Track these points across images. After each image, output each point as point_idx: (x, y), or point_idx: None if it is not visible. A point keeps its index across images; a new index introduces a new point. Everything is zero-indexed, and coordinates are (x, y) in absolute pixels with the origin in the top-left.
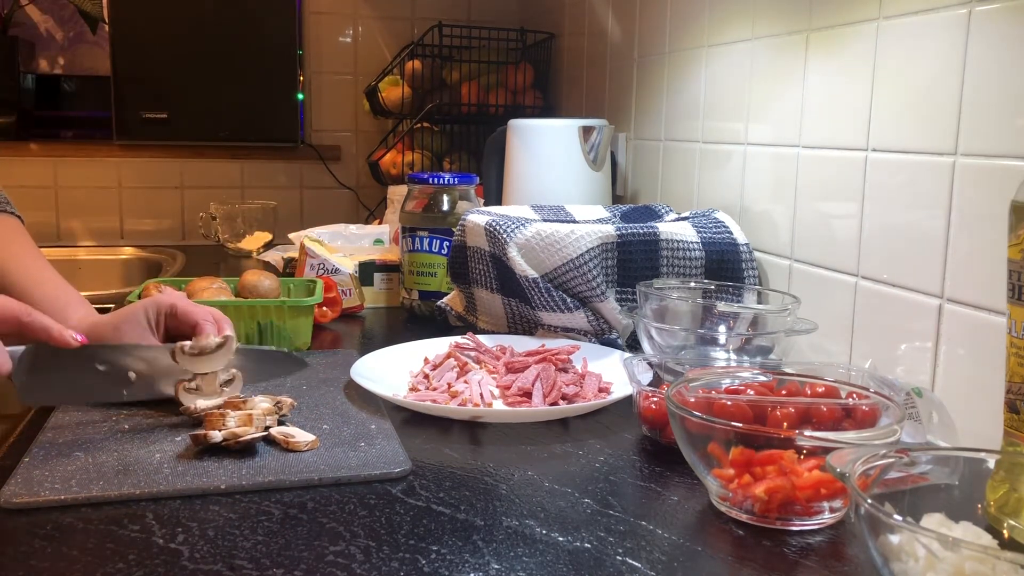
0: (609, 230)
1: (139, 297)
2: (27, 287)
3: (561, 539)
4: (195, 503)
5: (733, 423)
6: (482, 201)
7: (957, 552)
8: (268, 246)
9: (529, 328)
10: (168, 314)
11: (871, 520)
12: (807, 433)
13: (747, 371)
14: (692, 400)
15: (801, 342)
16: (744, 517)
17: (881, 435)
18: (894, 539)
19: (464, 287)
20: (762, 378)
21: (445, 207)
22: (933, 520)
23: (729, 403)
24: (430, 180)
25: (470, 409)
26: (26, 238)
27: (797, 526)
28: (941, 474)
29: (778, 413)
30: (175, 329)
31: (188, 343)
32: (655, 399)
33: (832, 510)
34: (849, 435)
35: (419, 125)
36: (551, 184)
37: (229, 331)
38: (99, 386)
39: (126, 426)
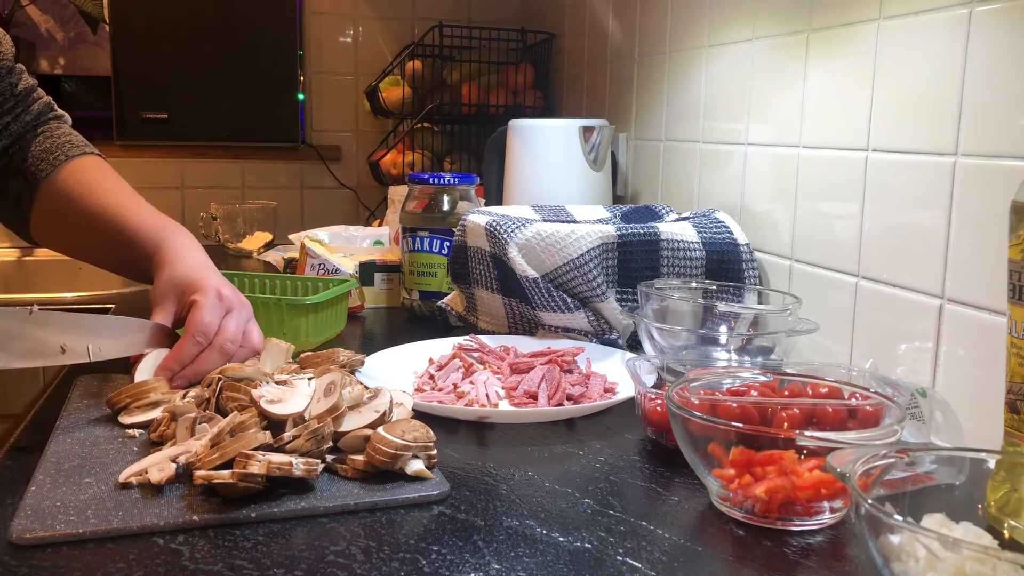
0: (610, 230)
1: None
2: (127, 222)
3: (562, 539)
4: (196, 538)
5: (734, 424)
6: (483, 201)
7: (958, 552)
8: (268, 246)
9: (530, 328)
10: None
11: (872, 520)
12: (807, 433)
13: (748, 371)
14: (695, 401)
15: (802, 342)
16: (744, 517)
17: (882, 435)
18: (894, 539)
19: (465, 287)
20: (763, 378)
21: (446, 207)
22: (934, 520)
23: (735, 405)
24: (430, 180)
25: (477, 410)
26: (113, 175)
27: (797, 526)
28: (944, 474)
29: (784, 414)
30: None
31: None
32: (660, 401)
33: (833, 510)
34: (849, 435)
35: (419, 125)
36: (551, 184)
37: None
38: None
39: (135, 447)
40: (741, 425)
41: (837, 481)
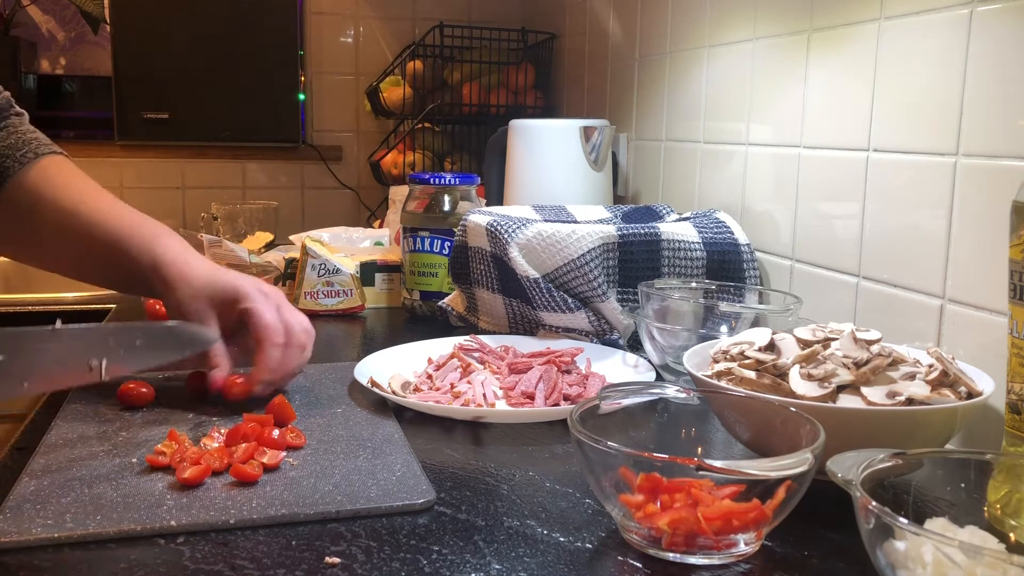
0: (610, 230)
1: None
2: (108, 223)
3: (562, 539)
4: (197, 539)
5: (624, 449)
6: (483, 201)
7: (973, 558)
8: (269, 246)
9: (530, 328)
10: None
11: (878, 526)
12: (707, 461)
13: (660, 387)
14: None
15: None
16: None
17: (793, 463)
18: (900, 545)
19: (465, 287)
20: (682, 395)
21: (446, 207)
22: (936, 525)
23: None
24: (431, 180)
25: (472, 409)
26: (87, 177)
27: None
28: (943, 477)
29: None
30: (235, 328)
31: None
32: None
33: (747, 543)
34: (760, 462)
35: (420, 125)
36: (552, 184)
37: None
38: None
39: (125, 447)
40: (632, 450)
41: (750, 511)
